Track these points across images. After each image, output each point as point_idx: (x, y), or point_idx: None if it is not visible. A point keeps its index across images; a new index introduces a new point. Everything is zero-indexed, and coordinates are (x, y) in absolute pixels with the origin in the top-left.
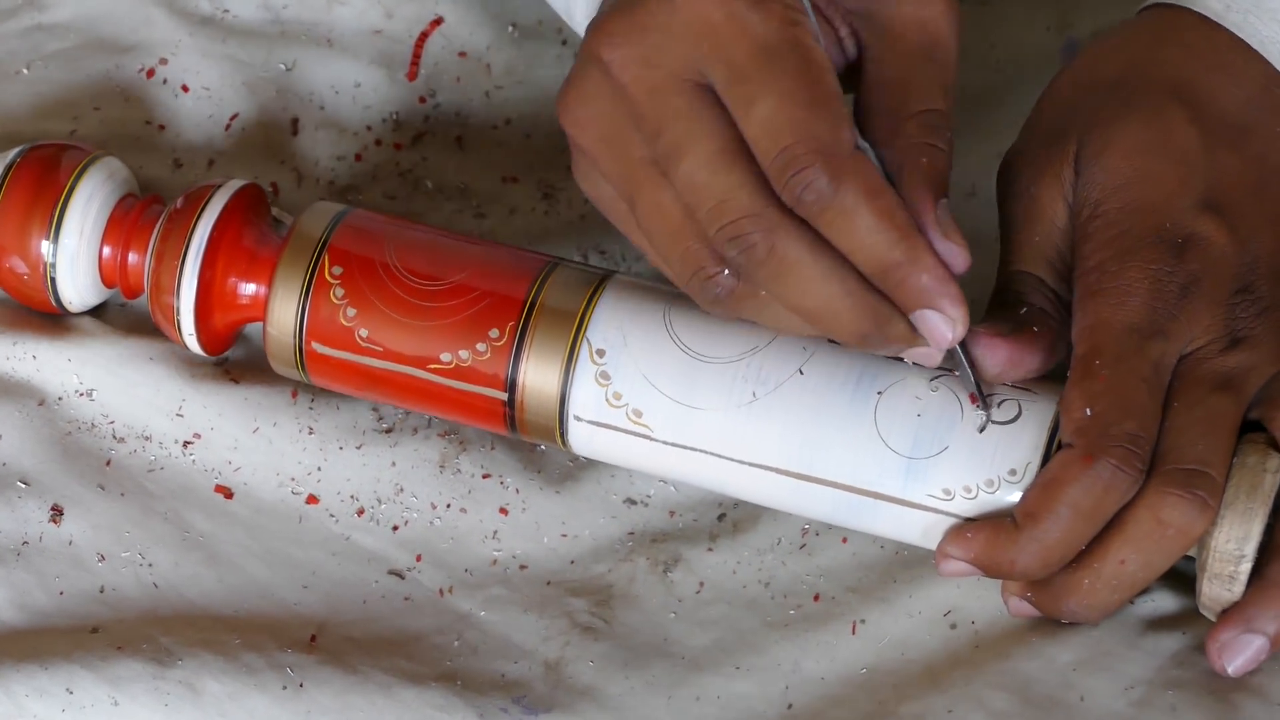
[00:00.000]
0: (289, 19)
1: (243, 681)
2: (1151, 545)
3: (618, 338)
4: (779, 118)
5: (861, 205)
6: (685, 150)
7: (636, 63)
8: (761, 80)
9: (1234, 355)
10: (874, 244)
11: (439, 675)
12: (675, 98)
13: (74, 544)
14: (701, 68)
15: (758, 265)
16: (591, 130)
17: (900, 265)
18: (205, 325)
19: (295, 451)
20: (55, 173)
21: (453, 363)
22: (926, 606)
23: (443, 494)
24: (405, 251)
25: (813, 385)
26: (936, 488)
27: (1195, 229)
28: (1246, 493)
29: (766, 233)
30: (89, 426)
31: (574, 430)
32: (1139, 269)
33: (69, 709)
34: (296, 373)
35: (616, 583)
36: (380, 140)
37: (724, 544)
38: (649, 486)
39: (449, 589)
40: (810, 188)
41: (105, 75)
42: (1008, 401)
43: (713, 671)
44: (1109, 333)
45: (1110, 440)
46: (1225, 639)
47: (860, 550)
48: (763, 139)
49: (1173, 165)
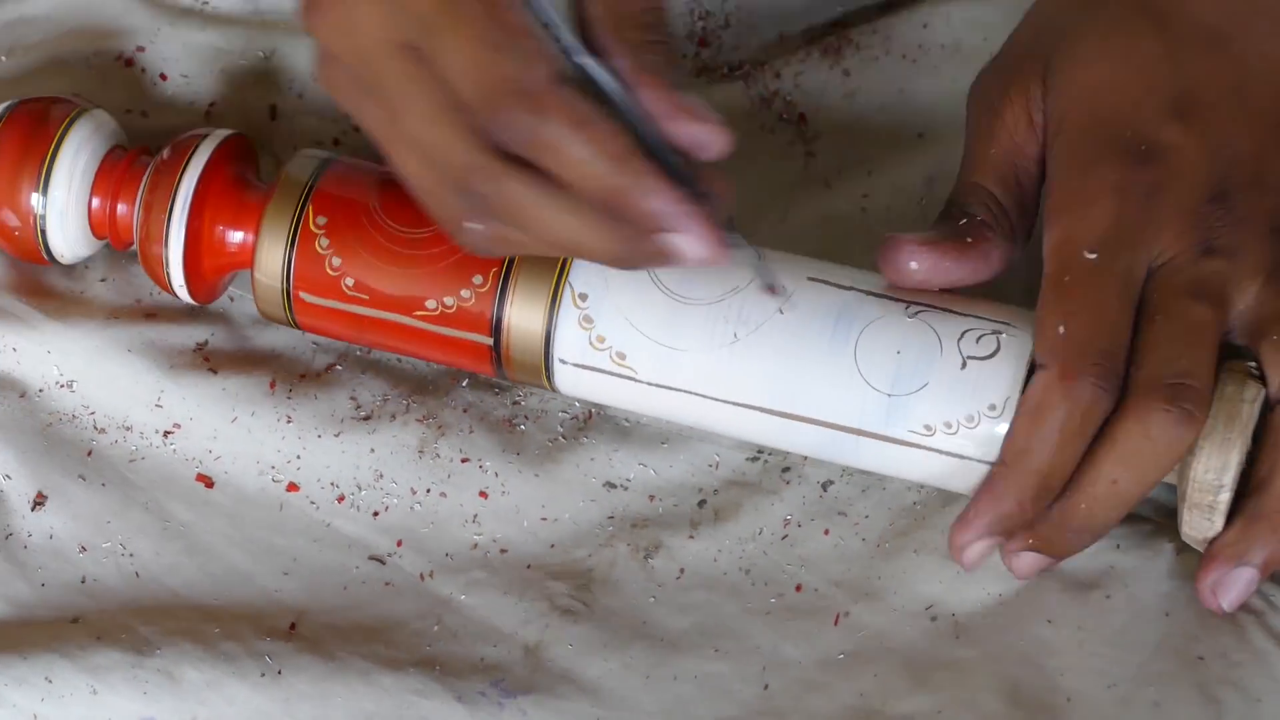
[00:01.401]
0: (268, 8)
1: (221, 669)
2: (1142, 461)
3: (599, 281)
4: (469, 64)
5: (568, 136)
6: (403, 111)
7: (341, 32)
8: (447, 29)
9: (1209, 263)
10: (591, 174)
11: (418, 660)
12: (385, 61)
13: (55, 535)
14: (399, 26)
15: (494, 212)
16: (343, 99)
17: (623, 190)
18: (194, 274)
19: (274, 440)
20: (44, 125)
21: (438, 309)
22: (909, 600)
23: (422, 479)
24: (388, 198)
25: (793, 325)
26: (917, 423)
27: (1160, 136)
28: (1224, 422)
29: (490, 180)
30: (70, 418)
31: (559, 372)
32: (1101, 180)
33: (48, 698)
34: (285, 319)
35: (597, 567)
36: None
37: (705, 532)
38: (628, 470)
39: (430, 574)
40: (512, 128)
41: (85, 63)
42: (986, 337)
43: (691, 653)
44: (1075, 248)
45: (1087, 359)
46: (1215, 577)
47: (842, 542)
48: (463, 90)
49: (1136, 73)
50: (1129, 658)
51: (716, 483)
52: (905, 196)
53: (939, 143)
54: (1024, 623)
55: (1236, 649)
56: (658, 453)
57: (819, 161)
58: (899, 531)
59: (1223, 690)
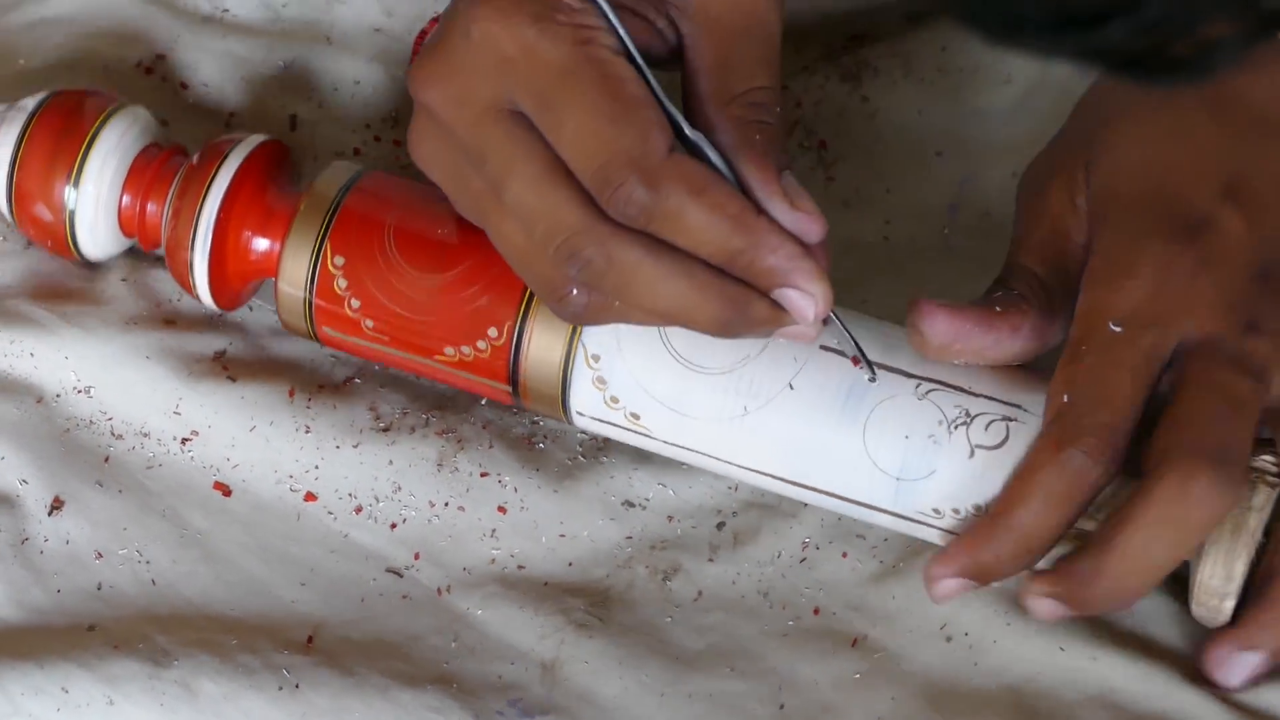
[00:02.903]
0: (289, 17)
1: (239, 682)
2: (1178, 526)
3: (612, 343)
4: (586, 137)
5: (688, 204)
6: (508, 177)
7: (452, 102)
8: (563, 103)
9: (1253, 340)
10: (712, 237)
11: (435, 677)
12: (492, 128)
13: (72, 541)
14: (510, 97)
15: (600, 278)
16: (435, 168)
17: (744, 251)
18: (219, 281)
19: (293, 450)
20: (79, 119)
21: (456, 356)
22: (923, 620)
23: (440, 492)
24: (405, 239)
25: (802, 401)
26: (926, 506)
27: (1210, 215)
28: (1231, 532)
29: (600, 246)
30: (87, 423)
31: (579, 421)
32: (1145, 252)
33: (64, 708)
34: (308, 334)
35: (614, 587)
36: (379, 137)
37: (724, 555)
38: (647, 490)
39: (447, 588)
40: (631, 201)
41: (104, 70)
42: (995, 423)
43: (706, 672)
44: (1100, 318)
45: (1081, 430)
46: (1220, 657)
47: (860, 565)
48: (577, 160)
49: (1189, 153)
50: (1139, 687)
51: (735, 505)
52: (928, 225)
53: (958, 161)
54: (1037, 650)
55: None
56: (677, 474)
57: (839, 186)
58: (915, 552)
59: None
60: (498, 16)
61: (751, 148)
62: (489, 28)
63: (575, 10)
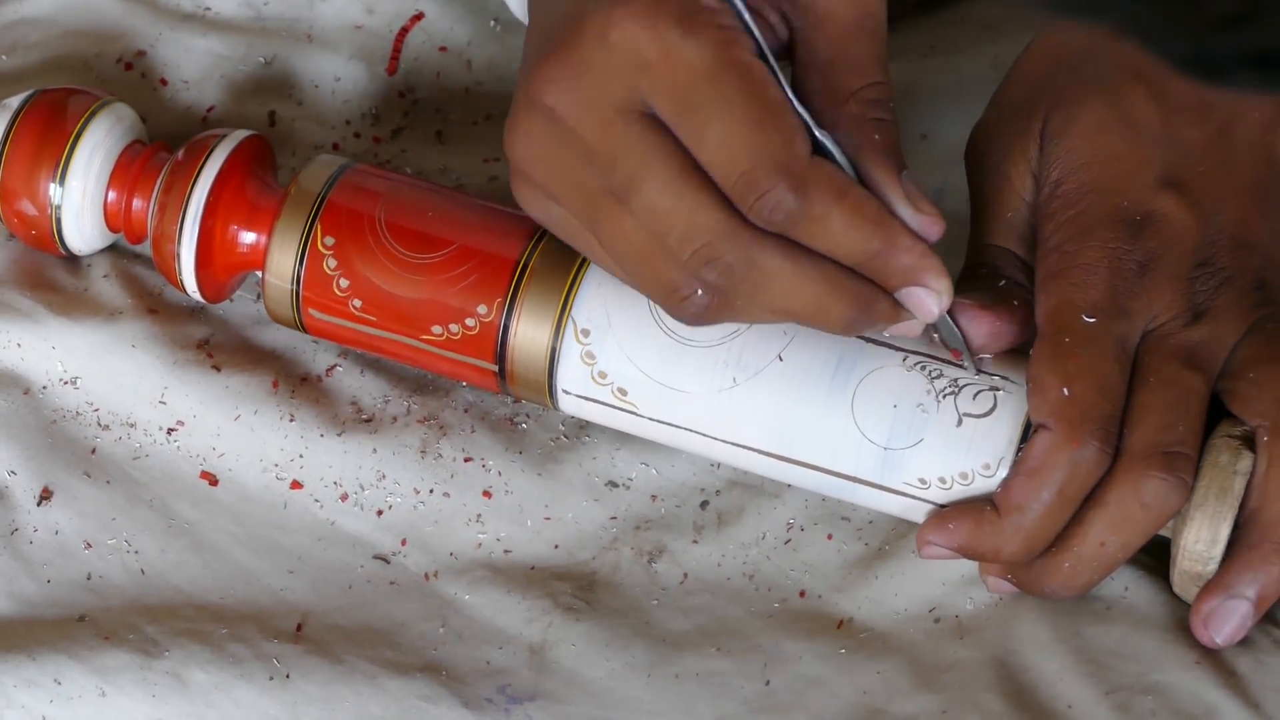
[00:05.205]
0: (270, 15)
1: (229, 672)
2: (1132, 525)
3: (602, 317)
4: (731, 143)
5: (832, 209)
6: (642, 180)
7: (580, 105)
8: (707, 108)
9: (1197, 329)
10: (852, 239)
11: (424, 665)
12: (624, 130)
13: (61, 532)
14: (645, 99)
15: (739, 282)
16: (543, 168)
17: (881, 253)
18: (206, 273)
19: (277, 439)
20: (64, 116)
21: (443, 335)
22: (911, 603)
23: (425, 479)
24: (395, 222)
25: (791, 373)
26: (912, 476)
27: (1153, 206)
28: (1216, 495)
29: (741, 251)
30: (74, 414)
31: (563, 400)
32: (1097, 249)
33: (57, 700)
34: (294, 324)
35: (600, 569)
36: (359, 133)
37: (709, 536)
38: (630, 469)
39: (434, 573)
40: (778, 208)
41: (85, 66)
42: (983, 394)
43: (692, 652)
44: (1075, 313)
45: (1092, 422)
46: (1208, 609)
47: (845, 548)
48: (719, 166)
49: (1132, 144)
50: (1127, 666)
51: (719, 483)
52: None
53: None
54: (1025, 627)
55: (1235, 656)
56: (660, 452)
57: None
58: (901, 535)
59: (1220, 697)
60: (640, 18)
61: (873, 147)
62: (630, 29)
63: (715, 11)
